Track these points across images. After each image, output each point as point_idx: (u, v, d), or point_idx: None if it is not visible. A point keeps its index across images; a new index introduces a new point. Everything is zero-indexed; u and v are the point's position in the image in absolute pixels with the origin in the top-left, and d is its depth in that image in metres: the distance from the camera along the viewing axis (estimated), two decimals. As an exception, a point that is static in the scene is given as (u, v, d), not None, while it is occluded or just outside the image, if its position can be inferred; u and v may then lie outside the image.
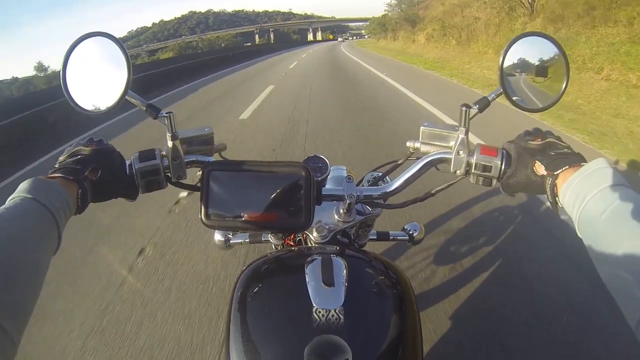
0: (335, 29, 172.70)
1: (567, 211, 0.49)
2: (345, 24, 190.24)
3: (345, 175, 0.73)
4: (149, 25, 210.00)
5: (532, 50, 0.59)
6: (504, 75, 0.59)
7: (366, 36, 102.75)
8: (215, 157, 0.69)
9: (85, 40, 0.58)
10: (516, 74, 0.60)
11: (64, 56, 0.58)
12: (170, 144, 0.62)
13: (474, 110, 0.59)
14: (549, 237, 2.20)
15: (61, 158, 0.57)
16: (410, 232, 1.03)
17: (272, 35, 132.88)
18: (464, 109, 0.59)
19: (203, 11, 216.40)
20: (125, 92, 0.57)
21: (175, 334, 1.60)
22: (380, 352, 0.51)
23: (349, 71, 11.99)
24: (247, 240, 1.01)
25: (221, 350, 0.86)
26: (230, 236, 1.02)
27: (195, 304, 1.77)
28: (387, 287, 0.61)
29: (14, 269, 0.37)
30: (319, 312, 0.51)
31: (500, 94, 0.59)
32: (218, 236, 1.02)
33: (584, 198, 0.45)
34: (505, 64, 0.59)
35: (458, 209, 2.49)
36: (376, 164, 0.89)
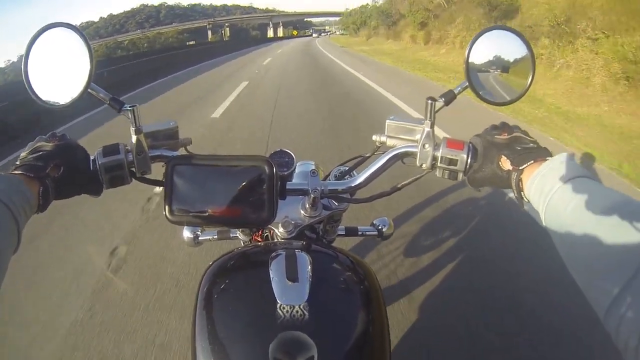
0: (298, 24, 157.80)
1: (533, 205, 0.49)
2: (309, 18, 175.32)
3: (314, 169, 0.74)
4: (96, 19, 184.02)
5: (498, 43, 0.60)
6: (470, 68, 0.59)
7: (337, 32, 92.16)
8: (181, 152, 0.68)
9: (48, 32, 0.57)
10: (483, 67, 0.60)
11: (26, 47, 0.57)
12: (134, 138, 0.61)
13: (439, 103, 0.60)
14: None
15: (23, 154, 0.56)
16: (380, 227, 1.00)
17: (227, 31, 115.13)
18: (429, 102, 0.59)
19: (156, 4, 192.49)
20: (87, 85, 0.56)
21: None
22: (346, 348, 0.51)
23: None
24: (216, 236, 0.98)
25: (188, 349, 0.59)
26: (199, 233, 0.99)
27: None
28: (353, 282, 0.61)
29: None
30: (283, 308, 0.51)
31: (467, 87, 0.59)
32: (187, 233, 0.99)
33: (549, 191, 0.46)
34: (472, 57, 0.59)
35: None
36: None
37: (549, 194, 0.46)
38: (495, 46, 0.59)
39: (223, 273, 0.62)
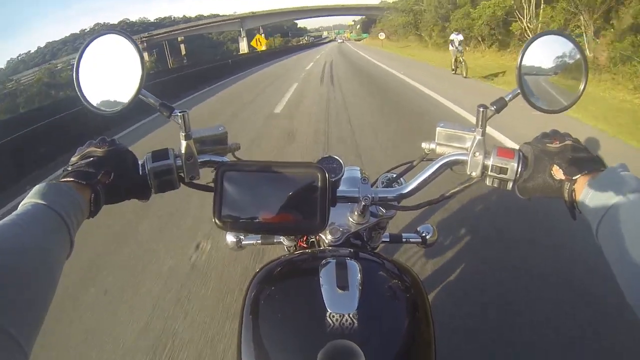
0: (289, 30, 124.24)
1: (586, 218, 0.50)
2: (302, 19, 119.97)
3: (360, 176, 0.80)
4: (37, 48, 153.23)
5: (550, 49, 0.61)
6: (522, 75, 0.60)
7: (339, 40, 74.21)
8: (228, 157, 0.71)
9: (98, 39, 0.61)
10: (534, 73, 0.61)
11: (78, 55, 0.61)
12: (183, 143, 0.64)
13: (490, 111, 0.61)
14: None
15: (73, 159, 0.59)
16: (423, 235, 1.03)
17: (182, 48, 75.75)
18: (481, 109, 0.61)
19: (116, 22, 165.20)
20: (138, 91, 0.60)
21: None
22: (394, 358, 0.53)
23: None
24: (259, 241, 1.03)
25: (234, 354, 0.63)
26: (242, 237, 1.04)
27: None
28: (401, 291, 0.62)
29: (26, 279, 0.38)
30: (333, 316, 0.53)
31: (518, 94, 0.60)
32: (230, 237, 1.04)
33: (605, 206, 0.46)
34: (523, 64, 0.60)
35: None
36: None
37: (603, 209, 0.46)
38: (547, 52, 0.60)
39: (271, 279, 0.65)
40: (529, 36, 10.72)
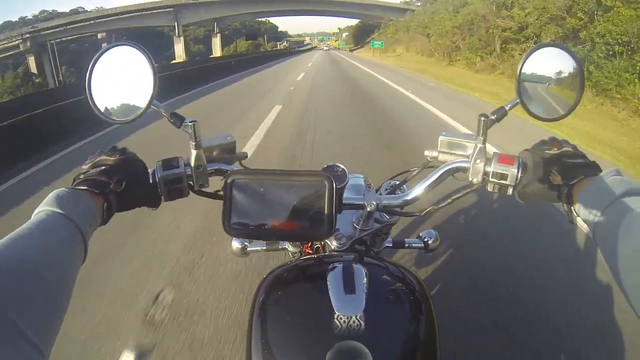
0: (268, 34, 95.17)
1: (584, 221, 0.52)
2: (274, 16, 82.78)
3: (363, 183, 0.81)
4: None
5: (549, 60, 0.64)
6: (521, 83, 0.63)
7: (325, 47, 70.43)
8: (236, 166, 0.74)
9: (109, 51, 0.62)
10: (533, 83, 0.64)
11: (89, 66, 0.62)
12: (194, 152, 0.66)
13: (491, 120, 0.64)
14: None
15: (85, 167, 0.60)
16: (426, 240, 1.06)
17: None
18: (482, 118, 0.63)
19: (67, 10, 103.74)
20: (151, 101, 0.61)
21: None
22: (400, 358, 0.56)
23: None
24: (265, 247, 1.08)
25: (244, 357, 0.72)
26: (247, 244, 1.09)
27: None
28: (405, 293, 0.65)
29: (43, 284, 0.40)
30: (340, 318, 0.56)
31: (517, 103, 0.64)
32: (235, 243, 1.09)
33: (600, 208, 0.49)
34: (525, 72, 0.63)
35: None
36: None
37: (599, 211, 0.49)
38: (546, 63, 0.63)
39: (280, 284, 0.69)
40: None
